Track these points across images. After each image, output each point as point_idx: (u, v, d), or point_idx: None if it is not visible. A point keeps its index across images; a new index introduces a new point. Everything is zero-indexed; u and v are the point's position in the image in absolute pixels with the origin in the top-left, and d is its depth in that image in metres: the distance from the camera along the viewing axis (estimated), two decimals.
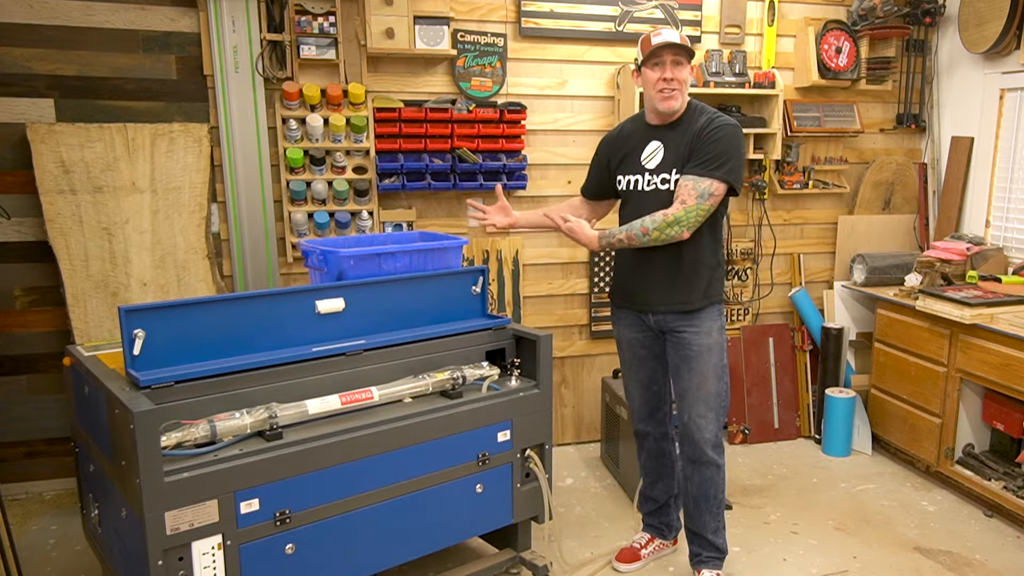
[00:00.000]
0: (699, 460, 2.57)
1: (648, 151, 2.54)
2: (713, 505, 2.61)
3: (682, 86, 2.44)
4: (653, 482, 2.86)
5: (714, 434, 2.56)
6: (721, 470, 2.59)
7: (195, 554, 1.92)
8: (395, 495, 2.28)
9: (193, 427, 1.96)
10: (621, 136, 2.65)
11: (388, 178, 3.46)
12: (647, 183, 2.53)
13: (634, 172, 2.56)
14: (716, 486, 2.59)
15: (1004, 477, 3.21)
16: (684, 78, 2.44)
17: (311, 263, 2.62)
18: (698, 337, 2.53)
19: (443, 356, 2.51)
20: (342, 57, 3.37)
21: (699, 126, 2.44)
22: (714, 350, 2.54)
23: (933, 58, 4.11)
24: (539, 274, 3.84)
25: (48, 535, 3.04)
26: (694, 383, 2.54)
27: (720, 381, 2.55)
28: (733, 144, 2.41)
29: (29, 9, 3.10)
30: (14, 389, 3.32)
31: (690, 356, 2.54)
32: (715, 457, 2.57)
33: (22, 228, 3.23)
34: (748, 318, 4.15)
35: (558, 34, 3.65)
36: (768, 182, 4.00)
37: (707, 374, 2.53)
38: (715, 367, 2.54)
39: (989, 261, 3.70)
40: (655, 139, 2.53)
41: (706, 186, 2.38)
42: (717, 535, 2.65)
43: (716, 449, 2.57)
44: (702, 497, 2.61)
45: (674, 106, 2.45)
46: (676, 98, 2.44)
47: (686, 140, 2.45)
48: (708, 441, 2.55)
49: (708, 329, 2.53)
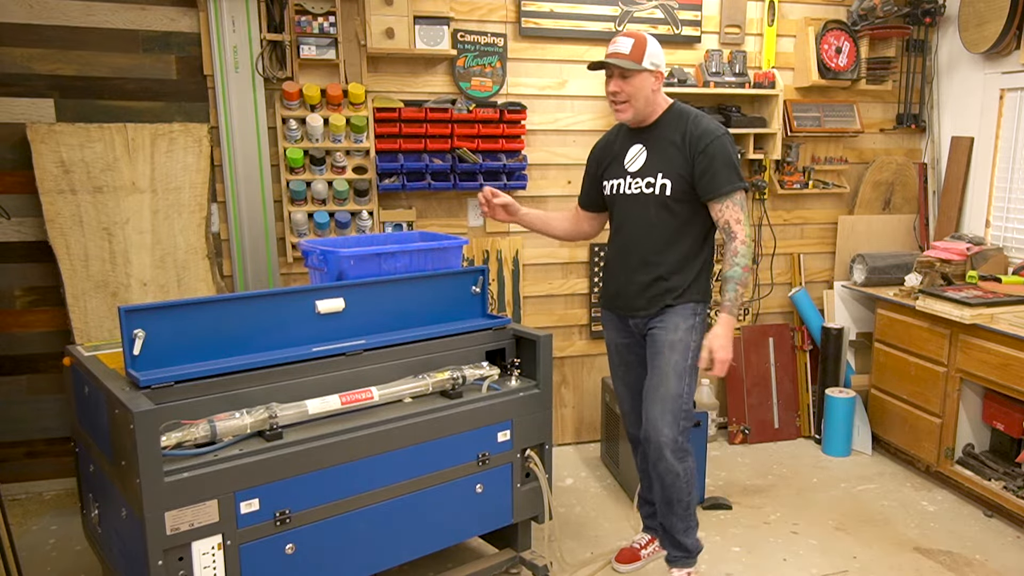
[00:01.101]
0: (658, 464, 2.45)
1: (631, 154, 2.55)
2: (679, 508, 2.52)
3: (631, 98, 2.42)
4: (650, 486, 2.81)
5: (672, 439, 2.42)
6: (681, 476, 2.46)
7: (195, 554, 1.92)
8: (395, 495, 2.28)
9: (193, 427, 1.96)
10: (607, 143, 2.66)
11: (388, 178, 3.46)
12: (629, 186, 2.52)
13: (617, 176, 2.57)
14: (679, 491, 2.48)
15: (1004, 477, 3.21)
16: (632, 90, 2.41)
17: (311, 263, 2.62)
18: (663, 333, 2.47)
19: (443, 356, 2.51)
20: (342, 57, 3.38)
21: (691, 136, 2.42)
22: (677, 348, 2.44)
23: (933, 58, 4.11)
24: (539, 274, 3.84)
25: (48, 535, 3.04)
26: (653, 382, 2.46)
27: (680, 381, 2.43)
28: (728, 152, 2.42)
29: (29, 9, 3.10)
30: (14, 389, 3.32)
31: (653, 353, 2.49)
32: (674, 462, 2.43)
33: (22, 228, 3.23)
34: (748, 318, 4.15)
35: (558, 34, 3.65)
36: (768, 182, 4.00)
37: (667, 373, 2.43)
38: (676, 365, 2.43)
39: (989, 261, 3.70)
40: (637, 142, 2.54)
41: (738, 198, 2.41)
42: (687, 535, 2.58)
43: (677, 454, 2.44)
44: (665, 501, 2.53)
45: (625, 118, 2.47)
46: (626, 111, 2.45)
47: (669, 145, 2.45)
48: (666, 445, 2.42)
49: (674, 325, 2.46)
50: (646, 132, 2.52)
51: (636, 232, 2.54)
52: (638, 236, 2.53)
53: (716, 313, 2.43)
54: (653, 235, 2.50)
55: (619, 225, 2.61)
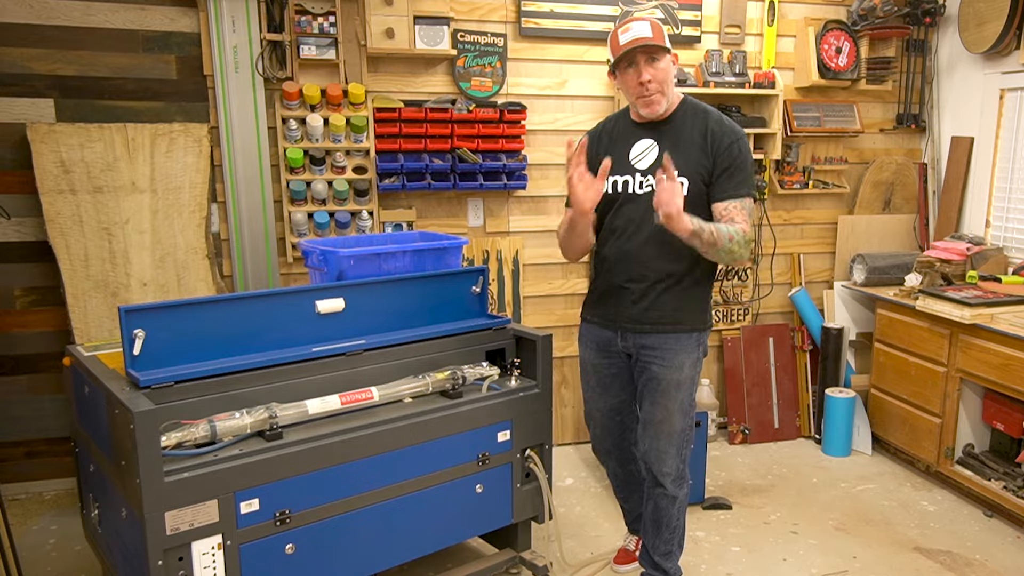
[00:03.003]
0: (655, 488, 2.47)
1: (638, 150, 2.34)
2: (665, 532, 2.50)
3: (663, 85, 2.22)
4: (627, 496, 2.79)
5: (674, 468, 2.43)
6: (677, 502, 2.46)
7: (195, 554, 1.92)
8: (395, 495, 2.28)
9: (193, 427, 1.96)
10: (605, 133, 2.44)
11: (388, 178, 3.46)
12: (639, 185, 2.31)
13: (623, 173, 2.34)
14: (671, 516, 2.48)
15: (1004, 477, 3.21)
16: (664, 76, 2.20)
17: (311, 263, 2.62)
18: (667, 372, 2.35)
19: (443, 356, 2.51)
20: (342, 57, 3.38)
21: (714, 135, 2.25)
22: (683, 386, 2.37)
23: (933, 58, 4.11)
24: (539, 274, 3.84)
25: (48, 535, 3.04)
26: (658, 416, 2.39)
27: (686, 417, 2.40)
28: (749, 157, 2.29)
29: (29, 9, 3.10)
30: (14, 389, 3.32)
31: (655, 390, 2.38)
32: (673, 490, 2.44)
33: (22, 228, 3.23)
34: (748, 318, 4.15)
35: (558, 34, 3.65)
36: (768, 182, 4.00)
37: (673, 410, 2.37)
38: (682, 403, 2.38)
39: (989, 261, 3.70)
40: (645, 137, 2.33)
41: (748, 204, 2.26)
42: (667, 559, 2.53)
43: (676, 483, 2.44)
44: (654, 523, 2.51)
45: (658, 110, 2.26)
46: (659, 101, 2.24)
47: (693, 143, 2.27)
48: (667, 475, 2.42)
49: (680, 364, 2.35)
50: (659, 126, 2.31)
51: (641, 236, 2.32)
52: (643, 240, 2.31)
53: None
54: (661, 240, 2.26)
55: (620, 227, 2.36)
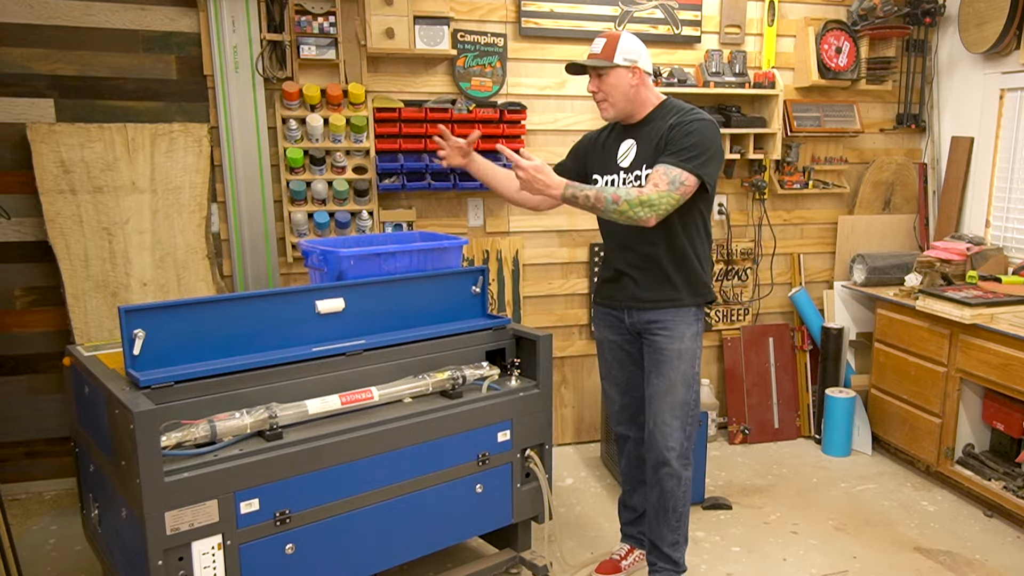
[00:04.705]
0: (661, 468, 2.50)
1: (622, 150, 2.54)
2: (672, 518, 2.53)
3: (609, 95, 2.44)
4: (631, 490, 2.80)
5: (679, 443, 2.48)
6: (683, 482, 2.51)
7: (195, 554, 1.92)
8: (395, 495, 2.28)
9: (193, 427, 1.96)
10: (601, 136, 2.65)
11: (388, 178, 3.46)
12: (623, 181, 2.52)
13: (611, 172, 2.55)
14: (676, 499, 2.51)
15: (1004, 477, 3.21)
16: (608, 88, 2.42)
17: (311, 263, 2.61)
18: (670, 342, 2.47)
19: (443, 356, 2.51)
20: (342, 57, 3.37)
21: (670, 123, 2.40)
22: (685, 356, 2.48)
23: (933, 58, 4.11)
24: (539, 274, 3.84)
25: (48, 535, 3.04)
26: (662, 388, 2.48)
27: (689, 390, 2.49)
28: (707, 138, 2.34)
29: (29, 9, 3.10)
30: (14, 389, 3.32)
31: (660, 360, 2.49)
32: (678, 468, 2.49)
33: (22, 228, 3.23)
34: (748, 318, 4.15)
35: (558, 34, 3.65)
36: (768, 182, 4.00)
37: (675, 380, 2.47)
38: (684, 374, 2.48)
39: (989, 261, 3.70)
40: (628, 138, 2.53)
41: (676, 174, 2.29)
42: (675, 548, 2.56)
43: (680, 460, 2.49)
44: (661, 509, 2.53)
45: (608, 116, 2.50)
46: (607, 109, 2.47)
47: (657, 136, 2.42)
48: (672, 449, 2.48)
49: (680, 334, 2.47)
50: (637, 128, 2.51)
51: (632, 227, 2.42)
52: (634, 230, 2.43)
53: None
54: (648, 228, 2.39)
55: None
